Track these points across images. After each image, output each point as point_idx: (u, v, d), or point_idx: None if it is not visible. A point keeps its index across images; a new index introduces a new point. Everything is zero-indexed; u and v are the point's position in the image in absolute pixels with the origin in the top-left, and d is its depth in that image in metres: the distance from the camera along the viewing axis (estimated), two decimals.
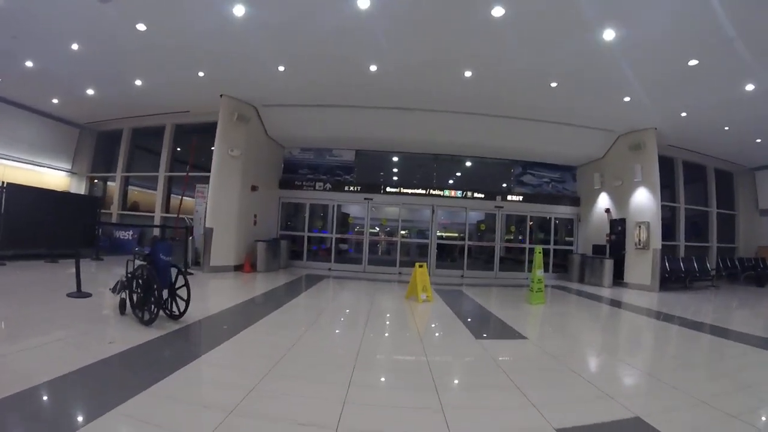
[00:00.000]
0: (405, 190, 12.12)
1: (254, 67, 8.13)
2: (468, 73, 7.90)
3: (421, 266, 6.93)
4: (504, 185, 12.98)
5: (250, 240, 10.08)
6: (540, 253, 7.69)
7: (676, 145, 11.47)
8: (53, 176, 13.29)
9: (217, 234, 9.19)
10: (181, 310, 4.60)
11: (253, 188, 10.29)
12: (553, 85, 8.21)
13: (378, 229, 12.76)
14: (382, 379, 3.44)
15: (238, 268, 9.69)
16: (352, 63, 7.70)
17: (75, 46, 7.81)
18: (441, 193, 12.23)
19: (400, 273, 11.63)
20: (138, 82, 9.65)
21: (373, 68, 7.82)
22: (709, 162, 12.91)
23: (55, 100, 11.72)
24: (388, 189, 12.12)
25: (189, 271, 8.62)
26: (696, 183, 13.01)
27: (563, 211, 12.80)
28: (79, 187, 13.78)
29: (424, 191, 12.16)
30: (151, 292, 4.35)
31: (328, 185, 12.10)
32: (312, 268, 11.53)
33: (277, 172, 12.20)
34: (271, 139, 11.46)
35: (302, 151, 12.44)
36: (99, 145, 13.99)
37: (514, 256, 12.90)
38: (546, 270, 12.26)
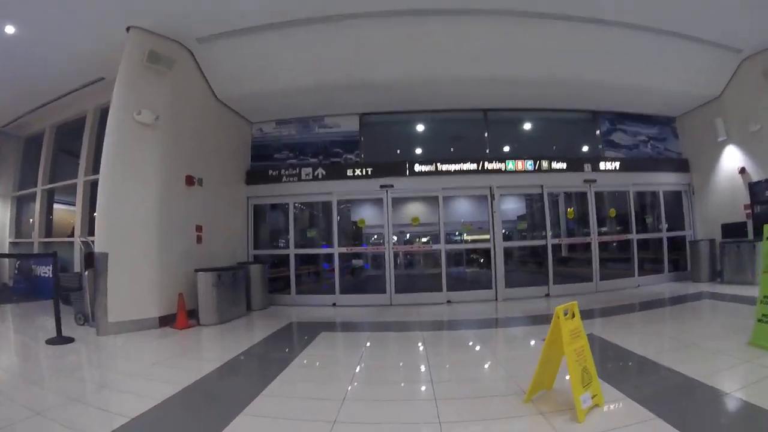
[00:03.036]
0: (444, 167, 7.59)
1: None
2: None
3: (568, 315, 2.39)
4: (590, 148, 8.51)
5: (191, 269, 5.90)
6: None
7: None
8: None
9: (117, 264, 5.07)
10: None
11: (191, 181, 6.17)
12: None
13: (397, 238, 8.24)
14: None
15: (166, 320, 5.52)
16: None
17: None
18: (501, 166, 7.65)
19: (449, 302, 7.10)
20: (10, 30, 5.95)
21: None
22: None
23: None
24: (417, 168, 7.61)
25: (66, 336, 4.51)
26: None
27: (666, 180, 8.38)
28: (2, 212, 10.29)
29: (474, 166, 7.60)
30: None
31: (322, 171, 7.75)
32: (305, 306, 7.20)
33: (242, 160, 7.99)
34: (225, 108, 7.33)
35: (278, 124, 8.19)
36: (27, 156, 10.51)
37: (622, 254, 8.21)
38: (641, 268, 7.97)
